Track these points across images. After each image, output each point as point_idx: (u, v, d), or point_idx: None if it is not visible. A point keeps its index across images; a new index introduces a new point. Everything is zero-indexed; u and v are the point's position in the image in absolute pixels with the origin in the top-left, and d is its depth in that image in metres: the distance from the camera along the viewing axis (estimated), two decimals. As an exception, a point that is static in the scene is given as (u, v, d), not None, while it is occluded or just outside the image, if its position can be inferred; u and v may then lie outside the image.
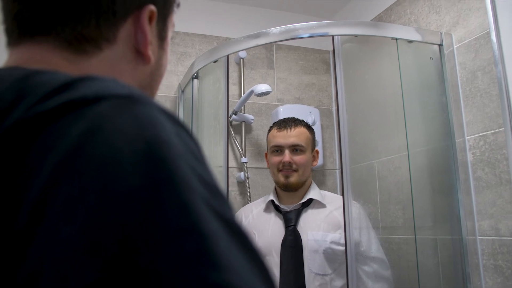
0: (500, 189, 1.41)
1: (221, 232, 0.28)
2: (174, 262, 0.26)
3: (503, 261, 1.38)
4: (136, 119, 0.30)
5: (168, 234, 0.26)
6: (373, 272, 1.51)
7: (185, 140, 0.32)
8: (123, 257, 0.25)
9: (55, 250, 0.26)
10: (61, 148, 0.29)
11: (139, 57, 0.47)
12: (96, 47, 0.43)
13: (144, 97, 0.33)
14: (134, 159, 0.28)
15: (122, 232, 0.26)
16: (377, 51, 1.82)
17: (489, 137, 1.46)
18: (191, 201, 0.28)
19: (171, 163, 0.29)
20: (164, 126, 0.31)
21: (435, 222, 1.62)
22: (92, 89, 0.32)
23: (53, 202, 0.27)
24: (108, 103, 0.31)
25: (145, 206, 0.27)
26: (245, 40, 1.65)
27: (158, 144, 0.29)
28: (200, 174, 0.30)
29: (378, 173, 1.96)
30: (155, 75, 0.51)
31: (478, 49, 1.52)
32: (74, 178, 0.27)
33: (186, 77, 2.04)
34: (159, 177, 0.28)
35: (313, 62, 2.47)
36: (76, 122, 0.30)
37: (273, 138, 1.64)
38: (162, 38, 0.51)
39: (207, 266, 0.26)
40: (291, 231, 1.54)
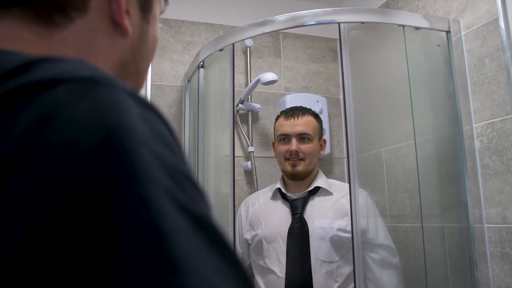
0: (507, 177, 1.40)
1: (186, 229, 0.26)
2: (129, 267, 0.23)
3: (510, 248, 1.37)
4: (95, 105, 0.27)
5: (123, 235, 0.24)
6: (380, 259, 1.52)
7: (154, 125, 0.29)
8: (74, 261, 0.23)
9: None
10: (9, 139, 0.26)
11: (117, 29, 0.43)
12: (66, 17, 0.40)
13: (109, 79, 0.30)
14: (89, 150, 0.25)
15: (72, 234, 0.23)
16: (384, 39, 1.81)
17: (497, 124, 1.45)
18: (150, 195, 0.25)
19: (131, 152, 0.26)
20: (128, 111, 0.28)
21: (442, 210, 1.62)
22: (49, 72, 0.29)
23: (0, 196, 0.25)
24: (66, 87, 0.28)
25: (98, 204, 0.24)
26: (250, 28, 1.64)
27: (118, 131, 0.27)
28: (169, 164, 0.28)
29: (386, 161, 1.96)
30: (139, 49, 0.47)
31: (486, 35, 1.51)
32: (21, 173, 0.25)
33: (192, 66, 2.05)
34: (115, 170, 0.25)
35: (321, 50, 2.46)
36: (28, 109, 0.27)
37: (280, 127, 1.64)
38: (146, 10, 0.47)
39: (167, 270, 0.24)
40: (298, 218, 1.55)
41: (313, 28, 2.35)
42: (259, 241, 1.59)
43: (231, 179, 1.64)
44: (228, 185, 1.66)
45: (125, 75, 0.47)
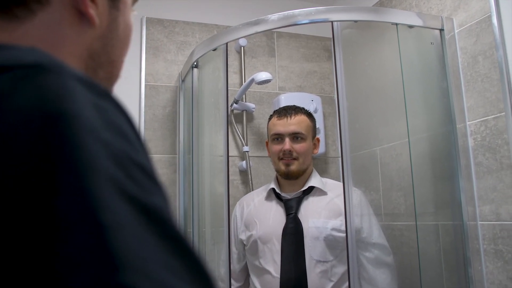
0: (501, 174, 1.40)
1: (132, 222, 0.24)
2: (69, 262, 0.22)
3: (504, 245, 1.38)
4: (38, 92, 0.26)
5: (62, 229, 0.23)
6: (374, 258, 1.52)
7: (107, 114, 0.28)
8: (11, 258, 0.22)
9: None
10: None
11: (83, 19, 0.41)
12: (27, 10, 0.38)
13: (57, 65, 0.29)
14: (28, 139, 0.24)
15: (8, 229, 0.22)
16: (377, 37, 1.81)
17: (490, 122, 1.45)
18: (93, 185, 0.24)
19: (74, 140, 0.25)
20: (75, 98, 0.27)
21: (436, 208, 1.62)
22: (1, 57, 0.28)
23: None
24: (8, 74, 0.27)
25: (36, 196, 0.23)
26: (244, 28, 1.64)
27: (61, 118, 0.25)
28: (120, 153, 0.26)
29: (380, 160, 1.96)
30: (109, 38, 0.45)
31: (479, 33, 1.51)
32: None
33: (186, 66, 2.04)
34: (55, 159, 0.24)
35: (315, 49, 2.45)
36: None
37: (273, 126, 1.64)
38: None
39: (107, 266, 0.22)
40: (292, 218, 1.55)
41: (307, 27, 2.35)
42: (254, 242, 1.59)
43: (225, 179, 1.64)
44: (222, 185, 1.66)
45: (96, 66, 0.45)
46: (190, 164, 1.97)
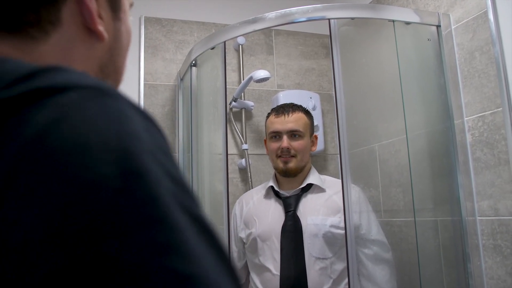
0: (498, 169, 1.41)
1: (190, 228, 0.28)
2: (142, 252, 0.25)
3: (502, 240, 1.38)
4: (104, 111, 0.29)
5: (136, 224, 0.26)
6: (373, 254, 1.52)
7: (154, 135, 0.31)
8: (88, 245, 0.24)
9: (15, 237, 0.25)
10: (24, 136, 0.27)
11: (92, 35, 0.44)
12: (42, 31, 0.40)
13: (112, 90, 0.32)
14: (103, 149, 0.27)
15: (87, 220, 0.25)
16: (374, 34, 1.81)
17: (488, 117, 1.45)
18: (160, 194, 0.27)
19: (140, 156, 0.28)
20: (132, 120, 0.30)
21: (435, 204, 1.63)
22: (59, 79, 0.31)
23: (13, 189, 0.26)
24: (76, 93, 0.30)
25: (113, 195, 0.26)
26: (241, 26, 1.64)
27: (126, 137, 0.29)
28: (168, 170, 0.30)
29: (379, 156, 1.96)
30: (115, 48, 0.48)
31: (475, 29, 1.51)
32: (36, 165, 0.26)
33: (184, 65, 2.05)
34: (128, 169, 0.27)
35: (313, 47, 2.46)
36: (42, 111, 0.28)
37: (271, 124, 1.64)
38: (115, 9, 0.47)
39: (177, 257, 0.26)
40: (291, 216, 1.55)
41: (305, 25, 2.35)
42: (253, 240, 1.59)
43: (224, 177, 1.64)
44: (222, 183, 1.66)
45: (105, 76, 0.47)
46: (189, 163, 1.97)
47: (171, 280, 0.25)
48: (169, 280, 0.25)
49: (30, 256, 0.24)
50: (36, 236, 0.25)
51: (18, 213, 0.25)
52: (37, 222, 0.25)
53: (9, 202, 0.26)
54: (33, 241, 0.25)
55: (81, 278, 0.24)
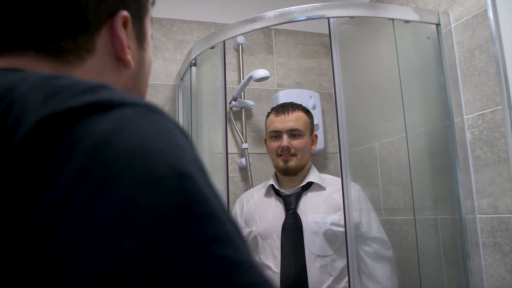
0: (498, 167, 1.41)
1: (230, 223, 0.33)
2: (197, 241, 0.29)
3: (502, 238, 1.38)
4: (156, 125, 0.34)
5: (190, 217, 0.30)
6: (374, 252, 1.52)
7: (191, 148, 0.36)
8: (154, 232, 0.28)
9: (89, 222, 0.29)
10: (91, 140, 0.31)
11: (120, 63, 0.49)
12: (78, 57, 0.46)
13: (157, 108, 0.37)
14: (160, 155, 0.32)
15: (151, 211, 0.29)
16: (374, 33, 1.81)
17: (487, 115, 1.46)
18: (207, 194, 0.32)
19: (187, 163, 0.33)
20: (176, 134, 0.35)
21: (435, 202, 1.63)
22: (115, 95, 0.36)
23: (84, 184, 0.30)
24: (131, 109, 0.35)
25: (171, 192, 0.30)
26: (241, 25, 1.65)
27: (176, 147, 0.33)
28: (205, 178, 0.34)
29: (379, 155, 1.96)
30: (139, 75, 0.53)
31: (475, 27, 1.51)
32: (105, 164, 0.31)
33: (184, 65, 2.05)
34: (181, 172, 0.32)
35: (313, 46, 2.46)
36: (104, 120, 0.33)
37: (271, 124, 1.65)
38: (141, 40, 0.53)
39: (226, 246, 0.30)
40: (291, 214, 1.56)
41: (304, 24, 2.35)
42: (254, 238, 1.60)
43: (224, 176, 1.65)
44: (222, 182, 1.67)
45: None
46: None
47: (224, 264, 0.29)
48: (222, 264, 0.29)
49: (104, 238, 0.28)
50: (107, 221, 0.29)
51: (91, 202, 0.29)
52: (108, 210, 0.29)
53: (82, 194, 0.29)
54: (105, 225, 0.28)
55: (145, 260, 0.28)
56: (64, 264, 0.28)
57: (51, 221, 0.29)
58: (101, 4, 0.47)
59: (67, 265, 0.28)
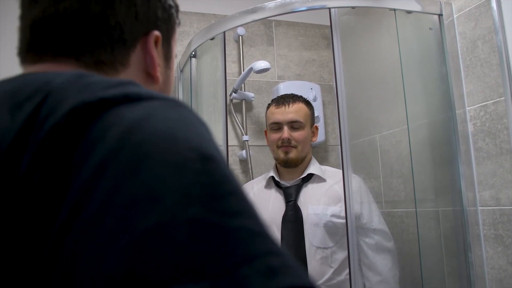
0: (500, 159, 1.40)
1: (247, 199, 0.35)
2: (223, 215, 0.31)
3: (504, 230, 1.38)
4: (181, 116, 0.37)
5: (217, 195, 0.32)
6: (375, 243, 1.52)
7: (212, 137, 0.39)
8: (181, 209, 0.30)
9: (119, 198, 0.31)
10: (122, 125, 0.34)
11: (149, 78, 0.54)
12: (113, 69, 0.50)
13: (183, 103, 0.40)
14: (185, 140, 0.34)
15: (178, 191, 0.31)
16: (375, 23, 1.79)
17: (490, 107, 1.44)
18: (228, 174, 0.35)
19: (210, 148, 0.35)
20: (199, 125, 0.38)
21: (436, 194, 1.62)
22: (144, 90, 0.39)
23: (114, 163, 0.32)
24: (158, 101, 0.38)
25: (196, 173, 0.32)
26: (241, 16, 1.63)
27: (199, 135, 0.36)
28: (225, 161, 0.37)
29: (380, 147, 1.95)
30: (164, 91, 0.57)
31: (478, 17, 1.49)
32: (135, 146, 0.33)
33: (184, 57, 2.03)
34: (205, 155, 0.34)
35: (313, 37, 2.44)
36: (133, 109, 0.36)
37: (271, 115, 1.63)
38: (168, 58, 0.58)
39: (249, 219, 0.32)
40: (292, 206, 1.55)
41: (305, 15, 2.34)
42: (254, 230, 1.59)
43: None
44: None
45: None
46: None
47: (247, 234, 0.31)
48: (246, 235, 0.31)
49: (131, 211, 0.30)
50: (136, 198, 0.30)
51: (120, 180, 0.31)
52: (137, 187, 0.31)
53: (112, 172, 0.32)
54: (133, 201, 0.30)
55: (170, 234, 0.29)
56: (92, 236, 0.30)
57: (82, 197, 0.31)
58: (137, 23, 0.52)
59: (95, 238, 0.30)
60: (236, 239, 0.31)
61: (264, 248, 0.32)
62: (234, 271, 0.29)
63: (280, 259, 0.32)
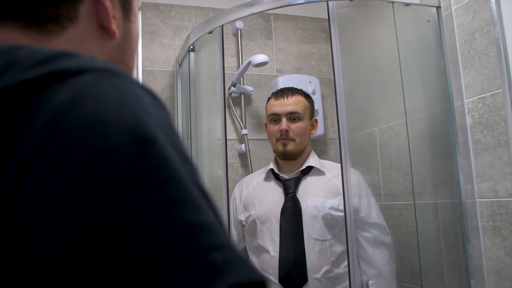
0: (498, 151, 1.40)
1: (194, 187, 0.32)
2: (159, 207, 0.28)
3: (501, 222, 1.38)
4: (117, 89, 0.33)
5: (151, 183, 0.29)
6: (373, 237, 1.53)
7: (159, 111, 0.35)
8: (111, 205, 0.27)
9: (45, 199, 0.28)
10: (47, 112, 0.30)
11: (104, 33, 0.47)
12: (59, 26, 0.44)
13: (121, 71, 0.36)
14: (118, 121, 0.30)
15: (109, 182, 0.28)
16: (373, 16, 1.79)
17: (488, 99, 1.44)
18: (169, 158, 0.31)
19: (150, 127, 0.31)
20: (141, 97, 0.34)
21: (435, 187, 1.63)
22: (73, 63, 0.34)
23: (40, 158, 0.29)
24: (90, 75, 0.33)
25: (130, 159, 0.29)
26: (239, 10, 1.63)
27: (137, 111, 0.32)
28: (173, 142, 0.33)
29: (379, 140, 1.96)
30: (124, 48, 0.51)
31: (476, 9, 1.49)
32: (61, 136, 0.29)
33: (182, 50, 2.03)
34: (141, 137, 0.30)
35: (312, 31, 2.44)
36: (60, 90, 0.32)
37: (270, 107, 1.64)
38: (127, 10, 0.51)
39: (190, 210, 0.30)
40: (291, 198, 1.56)
41: (304, 9, 2.33)
42: (253, 222, 1.60)
43: (223, 162, 1.64)
44: (221, 169, 1.66)
45: None
46: (189, 149, 1.97)
47: (187, 228, 0.29)
48: (185, 228, 0.29)
49: (58, 217, 0.27)
50: (62, 197, 0.28)
51: (46, 177, 0.28)
52: (63, 185, 0.28)
53: (38, 169, 0.29)
54: (60, 202, 0.28)
55: (104, 233, 0.27)
56: (24, 243, 0.27)
57: (10, 198, 0.28)
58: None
59: (26, 245, 0.27)
60: (174, 234, 0.28)
61: (207, 242, 0.29)
62: (171, 273, 0.27)
63: (226, 253, 0.29)
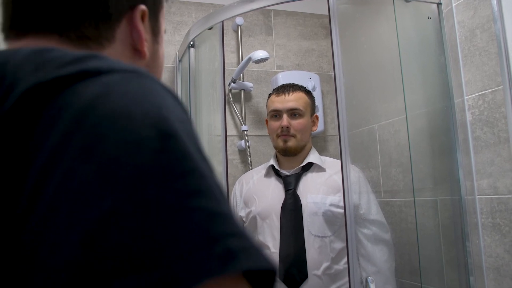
0: (498, 148, 1.40)
1: (212, 179, 0.34)
2: (179, 195, 0.30)
3: (501, 218, 1.38)
4: (142, 88, 0.36)
5: (174, 174, 0.31)
6: (372, 234, 1.53)
7: (180, 109, 0.37)
8: (136, 191, 0.29)
9: (73, 184, 0.30)
10: (77, 105, 0.33)
11: (136, 53, 0.52)
12: (98, 44, 0.49)
13: (148, 73, 0.39)
14: (143, 117, 0.33)
15: (134, 171, 0.30)
16: (374, 12, 1.79)
17: (488, 95, 1.44)
18: (190, 152, 0.33)
19: (172, 122, 0.34)
20: (164, 97, 0.36)
21: (435, 184, 1.63)
22: (104, 63, 0.37)
23: (70, 148, 0.31)
24: (118, 74, 0.36)
25: (155, 152, 0.31)
26: (239, 5, 1.63)
27: (161, 108, 0.34)
28: (193, 139, 0.35)
29: (379, 136, 1.95)
30: (152, 66, 0.56)
31: (477, 6, 1.49)
32: (90, 128, 0.32)
33: (182, 46, 2.03)
34: (164, 131, 0.33)
35: (312, 27, 2.43)
36: (91, 86, 0.34)
37: (271, 103, 1.64)
38: (156, 33, 0.56)
39: (207, 199, 0.32)
40: (291, 194, 1.56)
41: (304, 5, 2.33)
42: (253, 218, 1.60)
43: (223, 159, 1.64)
44: (221, 165, 1.66)
45: None
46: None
47: (206, 215, 0.31)
48: (204, 216, 0.31)
49: (86, 199, 0.29)
50: (90, 182, 0.30)
51: (75, 165, 0.30)
52: (91, 172, 0.30)
53: (67, 158, 0.31)
54: (88, 186, 0.30)
55: (128, 216, 0.29)
56: (48, 227, 0.29)
57: (38, 185, 0.30)
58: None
59: (50, 228, 0.29)
60: (193, 221, 0.30)
61: (224, 229, 0.31)
62: (189, 255, 0.28)
63: (241, 241, 0.31)
